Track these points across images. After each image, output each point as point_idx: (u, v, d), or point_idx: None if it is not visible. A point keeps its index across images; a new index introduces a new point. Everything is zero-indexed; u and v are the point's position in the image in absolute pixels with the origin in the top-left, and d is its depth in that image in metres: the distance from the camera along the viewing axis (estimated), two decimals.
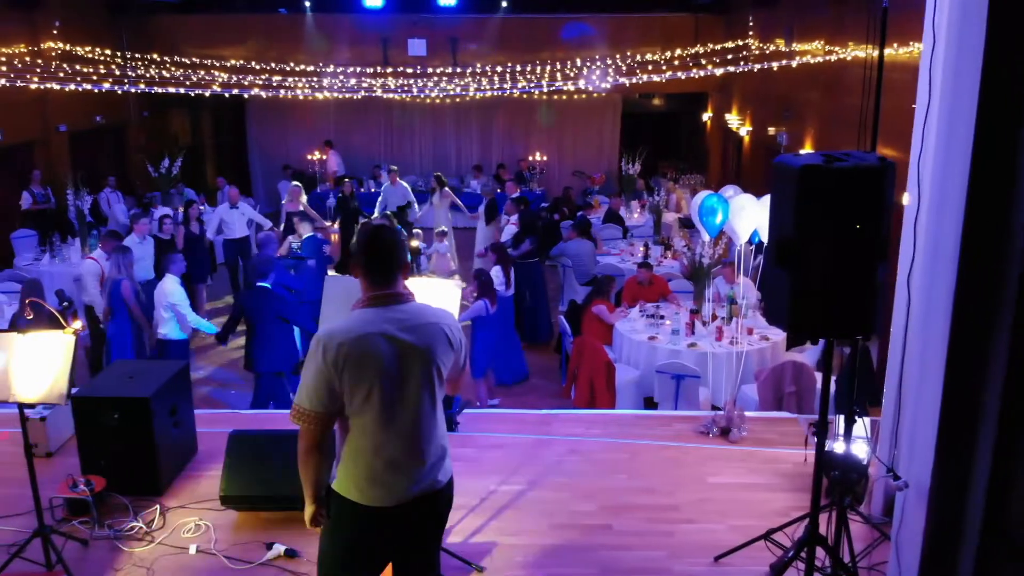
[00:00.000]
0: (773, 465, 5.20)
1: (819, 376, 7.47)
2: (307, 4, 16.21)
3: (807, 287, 3.14)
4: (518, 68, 15.51)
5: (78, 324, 3.98)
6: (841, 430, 5.04)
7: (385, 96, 15.19)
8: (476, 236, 12.20)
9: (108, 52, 14.12)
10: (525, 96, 14.59)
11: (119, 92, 13.72)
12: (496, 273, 8.26)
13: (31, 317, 6.13)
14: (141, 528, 4.49)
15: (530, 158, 17.28)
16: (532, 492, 4.86)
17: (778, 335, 8.14)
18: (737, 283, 9.19)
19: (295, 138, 17.81)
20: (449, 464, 2.92)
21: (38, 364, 3.77)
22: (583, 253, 10.90)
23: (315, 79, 15.22)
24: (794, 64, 9.52)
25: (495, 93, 14.77)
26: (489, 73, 15.59)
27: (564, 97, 16.77)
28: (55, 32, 13.62)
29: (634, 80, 13.46)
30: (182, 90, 13.55)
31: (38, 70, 12.44)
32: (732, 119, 15.21)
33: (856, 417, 4.28)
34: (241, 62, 15.46)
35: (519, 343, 8.85)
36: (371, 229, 2.88)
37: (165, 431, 4.83)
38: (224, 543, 4.37)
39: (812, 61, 9.59)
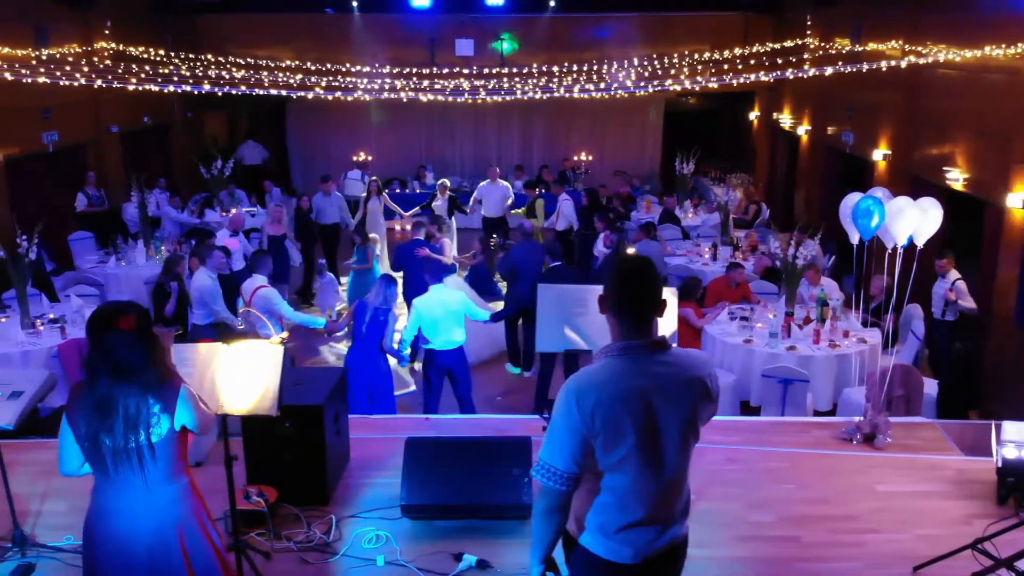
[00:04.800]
0: (936, 472, 5.13)
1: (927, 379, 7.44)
2: (354, 4, 16.12)
3: None
4: (566, 67, 15.42)
5: (285, 335, 3.89)
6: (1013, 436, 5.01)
7: (429, 96, 15.11)
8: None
9: (162, 52, 14.02)
10: (568, 96, 14.54)
11: (168, 92, 13.61)
12: None
13: (243, 327, 6.05)
14: (322, 539, 4.41)
15: (575, 158, 17.19)
16: (702, 503, 4.79)
17: (875, 337, 8.07)
18: (822, 285, 9.14)
19: (335, 138, 17.72)
20: (688, 513, 2.75)
21: (246, 375, 3.69)
22: (652, 255, 10.77)
23: (362, 80, 15.12)
24: (881, 67, 9.44)
25: (544, 95, 14.69)
26: (536, 73, 15.52)
27: (607, 96, 16.71)
28: (107, 32, 13.52)
29: (687, 82, 13.37)
30: (230, 90, 13.47)
31: (87, 69, 12.34)
32: (784, 118, 15.14)
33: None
34: (293, 62, 15.37)
35: None
36: (627, 262, 2.59)
37: (331, 439, 4.76)
38: (409, 554, 4.29)
39: (894, 64, 9.51)
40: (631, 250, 10.72)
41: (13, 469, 4.60)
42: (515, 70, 15.67)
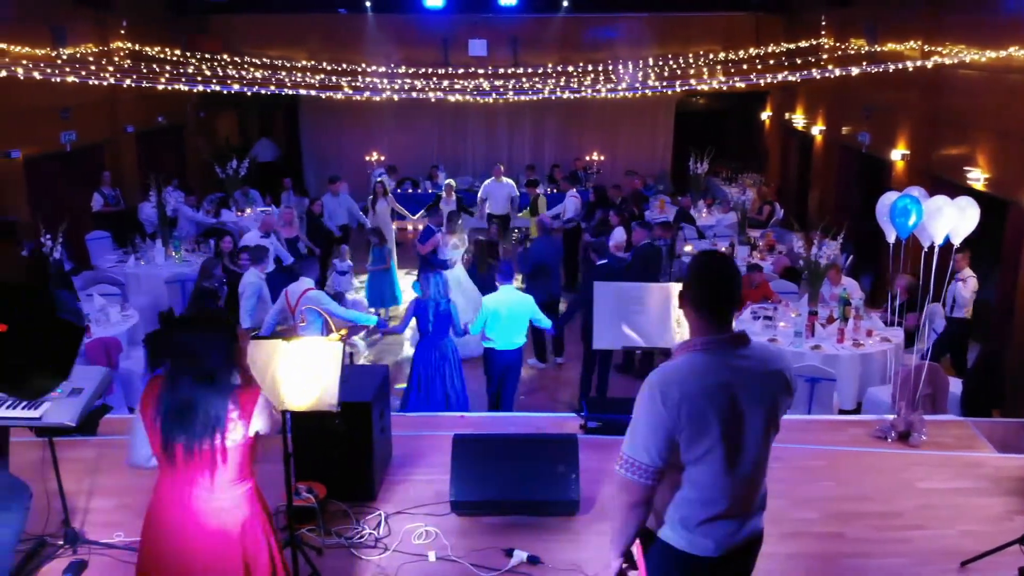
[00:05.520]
0: (974, 469, 5.18)
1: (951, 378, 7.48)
2: (367, 4, 16.14)
3: None
4: (582, 67, 15.46)
5: (344, 331, 3.92)
6: None
7: (441, 96, 15.14)
8: None
9: (178, 52, 14.05)
10: (580, 96, 14.58)
11: (184, 91, 13.64)
12: None
13: (304, 324, 6.07)
14: (372, 535, 4.44)
15: (587, 158, 17.22)
16: None
17: (898, 336, 8.11)
18: (843, 284, 9.17)
19: (348, 138, 17.73)
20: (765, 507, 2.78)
21: (306, 372, 3.72)
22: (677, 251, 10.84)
23: (376, 80, 15.15)
24: (907, 67, 9.48)
25: (559, 96, 14.72)
26: (550, 73, 15.55)
27: (619, 96, 16.74)
28: (123, 32, 13.54)
29: (705, 82, 13.40)
30: (248, 89, 13.50)
31: (110, 69, 12.38)
32: (797, 118, 15.16)
33: None
34: (308, 62, 15.40)
35: None
36: (706, 258, 2.63)
37: (377, 435, 4.79)
38: (460, 549, 4.33)
39: (915, 64, 9.55)
40: None
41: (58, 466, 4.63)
42: (528, 70, 15.71)
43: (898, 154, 10.80)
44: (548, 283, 8.66)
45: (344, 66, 15.21)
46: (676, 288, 3.85)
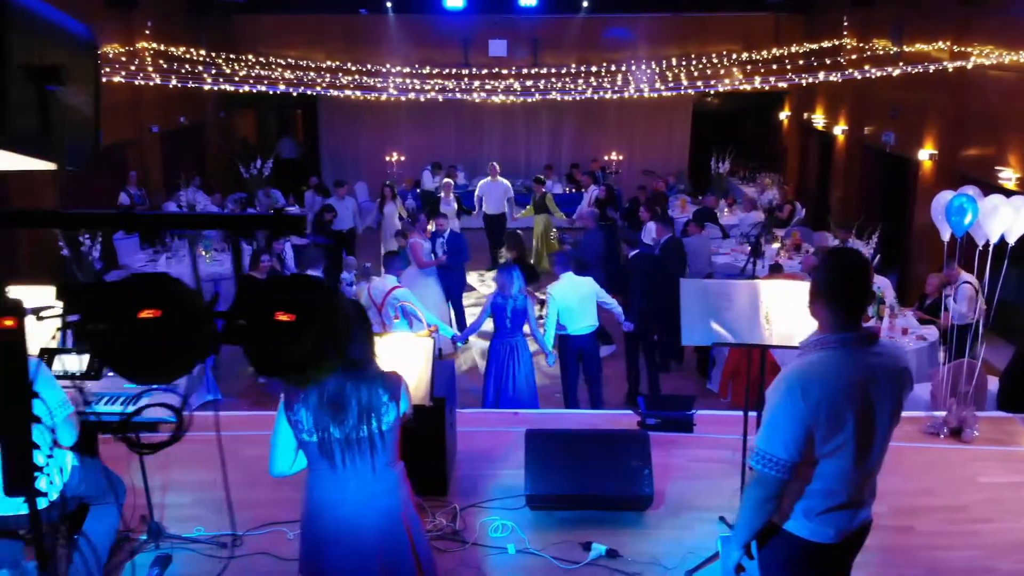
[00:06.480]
0: None
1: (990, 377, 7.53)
2: (388, 5, 16.20)
3: None
4: (605, 67, 15.52)
5: (434, 327, 3.98)
6: None
7: (459, 97, 15.20)
8: None
9: (203, 52, 14.11)
10: (597, 97, 14.65)
11: (206, 90, 13.71)
12: None
13: (398, 320, 6.12)
14: (449, 528, 4.50)
15: (606, 158, 17.29)
16: None
17: (933, 335, 8.16)
18: (876, 283, 9.23)
19: (366, 138, 17.79)
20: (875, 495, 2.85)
21: (398, 367, 3.77)
22: (703, 250, 10.75)
23: (396, 79, 15.21)
24: (940, 68, 9.55)
25: (579, 97, 14.79)
26: (570, 73, 15.62)
27: (636, 96, 16.81)
28: (147, 32, 13.60)
29: (722, 84, 13.49)
30: (272, 89, 13.56)
31: (133, 69, 12.43)
32: (817, 118, 15.23)
33: None
34: (333, 63, 15.45)
35: None
36: (841, 255, 2.68)
37: (448, 430, 4.85)
38: (538, 543, 4.38)
39: (946, 66, 9.62)
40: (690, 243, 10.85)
41: (131, 461, 4.67)
42: (547, 71, 15.77)
43: (925, 154, 10.87)
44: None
45: (368, 66, 15.27)
46: (763, 285, 3.93)
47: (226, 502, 3.56)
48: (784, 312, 3.68)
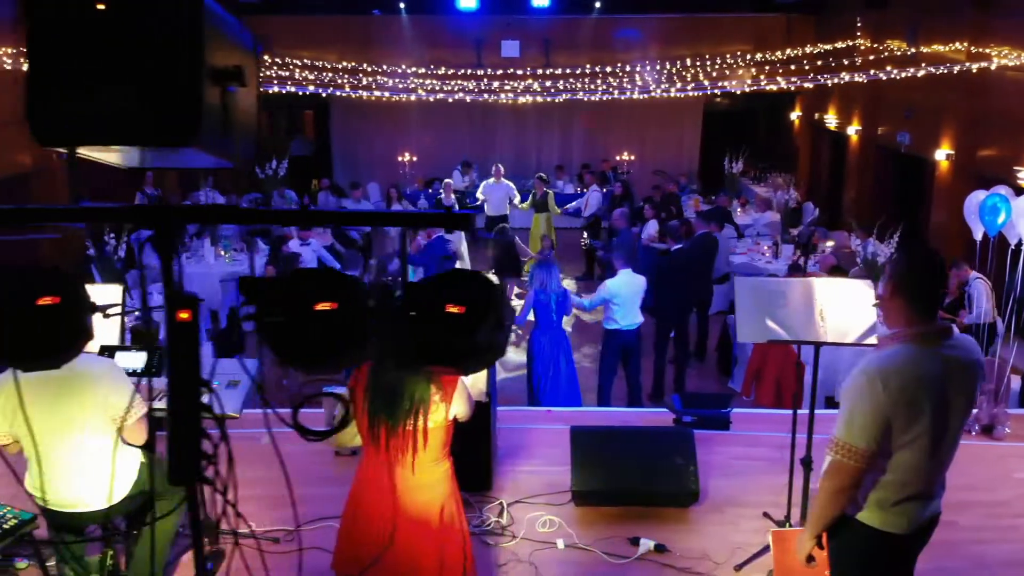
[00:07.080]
0: None
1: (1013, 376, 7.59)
2: (401, 6, 16.26)
3: None
4: (619, 67, 15.58)
5: None
6: None
7: (471, 97, 15.26)
8: None
9: None
10: (609, 97, 14.71)
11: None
12: None
13: None
14: (497, 523, 4.56)
15: (617, 158, 17.35)
16: None
17: None
18: None
19: (378, 138, 17.84)
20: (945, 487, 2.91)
21: None
22: (722, 249, 10.82)
23: (408, 80, 15.27)
24: (962, 69, 9.62)
25: (590, 97, 14.86)
26: (583, 74, 15.68)
27: (648, 97, 16.88)
28: None
29: (734, 84, 13.56)
30: (286, 89, 13.61)
31: None
32: (829, 118, 15.29)
33: None
34: (349, 64, 15.51)
35: None
36: (920, 251, 2.76)
37: (493, 425, 4.90)
38: (586, 538, 4.44)
39: (967, 67, 9.70)
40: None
41: None
42: (560, 71, 15.83)
43: (942, 154, 10.93)
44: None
45: (384, 67, 15.33)
46: (817, 283, 3.99)
47: (289, 497, 3.60)
48: (838, 309, 3.74)
